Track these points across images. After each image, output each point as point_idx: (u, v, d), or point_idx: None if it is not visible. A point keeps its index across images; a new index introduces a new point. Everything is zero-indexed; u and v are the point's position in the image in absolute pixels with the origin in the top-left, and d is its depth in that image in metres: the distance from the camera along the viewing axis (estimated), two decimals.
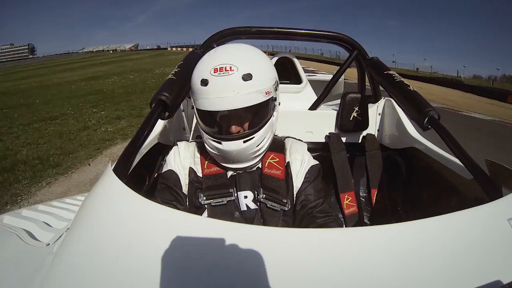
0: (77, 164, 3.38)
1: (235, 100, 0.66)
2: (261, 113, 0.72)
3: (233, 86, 0.65)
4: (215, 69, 0.65)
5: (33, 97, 8.26)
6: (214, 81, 0.65)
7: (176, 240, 0.46)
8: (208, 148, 0.75)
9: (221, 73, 0.65)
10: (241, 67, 0.66)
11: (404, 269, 0.42)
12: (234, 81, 0.65)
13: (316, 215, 0.77)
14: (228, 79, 0.65)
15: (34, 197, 2.66)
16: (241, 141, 0.70)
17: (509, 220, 0.49)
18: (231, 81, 0.65)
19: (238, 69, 0.65)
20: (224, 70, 0.65)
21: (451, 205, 0.88)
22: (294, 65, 1.95)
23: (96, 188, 0.62)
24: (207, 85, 0.66)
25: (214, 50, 0.72)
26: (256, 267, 0.41)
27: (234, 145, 0.70)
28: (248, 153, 0.72)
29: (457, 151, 0.74)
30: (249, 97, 0.66)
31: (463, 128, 5.79)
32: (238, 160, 0.74)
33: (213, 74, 0.65)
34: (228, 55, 0.69)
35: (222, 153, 0.72)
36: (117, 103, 6.80)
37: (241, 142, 0.70)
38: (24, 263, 0.65)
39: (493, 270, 0.42)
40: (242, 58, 0.69)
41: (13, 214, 1.00)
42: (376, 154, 1.18)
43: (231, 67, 0.65)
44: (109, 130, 4.70)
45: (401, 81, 1.02)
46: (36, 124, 5.12)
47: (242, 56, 0.69)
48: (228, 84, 0.65)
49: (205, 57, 0.71)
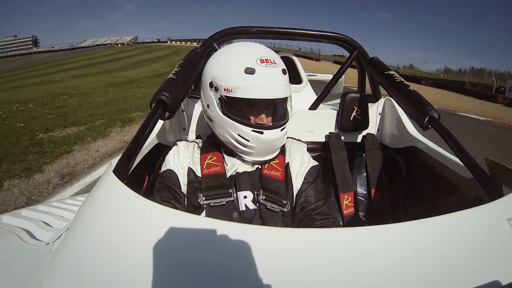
0: None
1: (281, 89, 0.71)
2: (289, 105, 0.78)
3: (278, 78, 0.70)
4: (261, 59, 0.70)
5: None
6: (262, 71, 0.69)
7: (176, 241, 0.46)
8: (237, 146, 0.74)
9: (268, 64, 0.70)
10: (279, 62, 0.72)
11: (404, 269, 0.42)
12: (278, 73, 0.71)
13: (315, 217, 0.77)
14: (274, 70, 0.70)
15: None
16: (279, 129, 0.74)
17: (509, 220, 0.49)
18: (277, 73, 0.70)
19: (279, 64, 0.71)
20: (270, 62, 0.70)
21: (451, 205, 0.88)
22: (294, 65, 1.94)
23: (96, 189, 0.62)
24: (254, 74, 0.68)
25: (246, 44, 0.77)
26: (255, 267, 0.41)
27: (275, 133, 0.73)
28: (281, 142, 0.78)
29: (458, 151, 0.74)
30: (287, 88, 0.73)
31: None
32: (271, 150, 0.77)
33: (260, 64, 0.69)
34: (267, 50, 0.74)
35: (262, 143, 0.73)
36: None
37: (279, 130, 0.74)
38: (23, 262, 0.65)
39: (492, 270, 0.42)
40: (276, 55, 0.74)
41: (12, 214, 1.00)
42: (376, 154, 1.18)
43: (274, 60, 0.71)
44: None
45: (401, 81, 1.02)
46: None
47: (275, 54, 0.74)
48: (274, 75, 0.70)
49: (242, 49, 0.74)
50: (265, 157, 0.77)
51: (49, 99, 8.10)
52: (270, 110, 0.74)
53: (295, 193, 0.80)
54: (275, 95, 0.71)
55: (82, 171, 3.31)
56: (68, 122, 5.19)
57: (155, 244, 0.44)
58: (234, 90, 0.69)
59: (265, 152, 0.76)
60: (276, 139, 0.74)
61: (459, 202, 0.83)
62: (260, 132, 0.71)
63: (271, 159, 0.78)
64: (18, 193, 2.73)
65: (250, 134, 0.71)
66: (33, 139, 4.13)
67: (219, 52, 0.80)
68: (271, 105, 0.74)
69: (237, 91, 0.69)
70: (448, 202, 0.89)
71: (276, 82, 0.70)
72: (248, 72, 0.68)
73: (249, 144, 0.73)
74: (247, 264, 0.42)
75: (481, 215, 0.52)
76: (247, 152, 0.75)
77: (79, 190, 2.83)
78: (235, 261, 0.43)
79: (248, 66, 0.68)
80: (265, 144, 0.74)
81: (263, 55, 0.70)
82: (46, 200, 2.60)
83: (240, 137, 0.73)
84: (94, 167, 3.44)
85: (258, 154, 0.76)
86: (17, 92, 10.48)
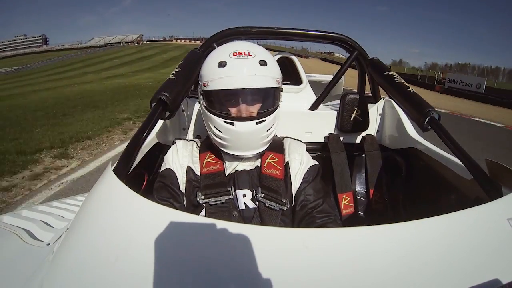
0: None
1: (252, 79, 0.70)
2: (272, 98, 0.75)
3: (251, 68, 0.70)
4: (234, 53, 0.71)
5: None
6: (233, 63, 0.70)
7: (176, 240, 0.46)
8: (214, 138, 0.75)
9: (240, 56, 0.71)
10: (258, 54, 0.72)
11: (403, 268, 0.42)
12: (252, 63, 0.71)
13: (316, 215, 0.77)
14: (246, 61, 0.71)
15: None
16: (254, 122, 0.72)
17: (509, 220, 0.49)
18: (249, 63, 0.71)
19: (256, 55, 0.71)
20: (243, 54, 0.71)
21: (451, 205, 0.88)
22: (294, 65, 1.95)
23: (96, 188, 0.62)
24: (225, 66, 0.70)
25: (231, 43, 0.78)
26: (254, 267, 0.41)
27: (247, 126, 0.71)
28: (259, 136, 0.74)
29: (457, 151, 0.74)
30: (264, 79, 0.72)
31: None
32: (248, 145, 0.74)
33: (232, 57, 0.70)
34: (245, 44, 0.75)
35: (234, 135, 0.72)
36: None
37: (254, 123, 0.72)
38: (24, 263, 0.65)
39: (492, 270, 0.43)
40: (258, 48, 0.75)
41: (13, 214, 1.01)
42: (376, 155, 1.18)
43: (249, 53, 0.71)
44: None
45: (401, 82, 1.02)
46: None
47: (257, 47, 0.75)
48: (246, 65, 0.70)
49: (220, 47, 0.77)
50: (244, 152, 0.75)
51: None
52: (246, 101, 0.72)
53: (294, 192, 0.80)
54: (245, 85, 0.70)
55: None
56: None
57: (155, 243, 0.44)
58: (208, 84, 0.72)
59: (241, 146, 0.74)
60: (250, 132, 0.71)
61: (459, 202, 0.83)
62: (231, 123, 0.71)
63: (254, 155, 0.76)
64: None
65: (222, 125, 0.72)
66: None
67: (210, 53, 0.82)
68: (246, 97, 0.72)
69: (210, 84, 0.72)
70: (448, 203, 0.89)
71: (248, 72, 0.70)
72: (220, 65, 0.70)
73: (222, 136, 0.73)
74: (246, 264, 0.42)
75: (481, 215, 0.52)
76: (222, 145, 0.75)
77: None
78: (234, 260, 0.43)
79: (220, 60, 0.71)
80: (238, 136, 0.72)
81: (237, 48, 0.71)
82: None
83: (216, 130, 0.74)
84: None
85: (235, 148, 0.74)
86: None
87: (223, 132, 0.72)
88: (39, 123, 5.26)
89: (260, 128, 0.72)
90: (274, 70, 0.74)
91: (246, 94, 0.72)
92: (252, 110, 0.73)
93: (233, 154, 0.75)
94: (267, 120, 0.73)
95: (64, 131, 4.65)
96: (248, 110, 0.72)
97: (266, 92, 0.74)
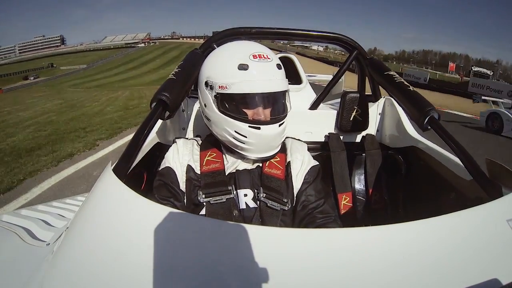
0: None
1: (276, 84, 0.71)
2: (287, 100, 0.77)
3: (271, 72, 0.71)
4: (254, 55, 0.70)
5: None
6: (255, 66, 0.69)
7: (176, 240, 0.46)
8: (234, 143, 0.74)
9: (261, 59, 0.70)
10: (273, 57, 0.73)
11: (403, 268, 0.42)
12: (272, 67, 0.71)
13: (316, 215, 0.77)
14: (268, 65, 0.71)
15: None
16: (277, 124, 0.73)
17: (508, 221, 0.49)
18: (270, 67, 0.71)
19: (272, 59, 0.72)
20: (263, 57, 0.71)
21: (450, 205, 0.88)
22: (294, 65, 1.94)
23: (96, 188, 0.62)
24: (247, 70, 0.69)
25: (238, 42, 0.78)
26: (254, 267, 0.41)
27: (273, 129, 0.72)
28: (280, 137, 0.76)
29: (457, 151, 0.74)
30: (283, 82, 0.73)
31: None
32: (270, 147, 0.75)
33: (253, 60, 0.70)
34: (260, 46, 0.74)
35: (259, 139, 0.72)
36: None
37: (277, 126, 0.73)
38: (24, 263, 0.65)
39: (492, 270, 0.43)
40: (269, 51, 0.75)
41: (13, 214, 1.01)
42: (376, 154, 1.18)
43: (268, 56, 0.72)
44: None
45: (401, 81, 1.02)
46: None
47: (268, 50, 0.75)
48: (268, 69, 0.71)
49: (232, 47, 0.76)
50: (266, 153, 0.76)
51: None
52: (266, 105, 0.73)
53: (295, 192, 0.80)
54: (269, 89, 0.71)
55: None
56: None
57: (155, 243, 0.44)
58: (228, 87, 0.70)
59: (264, 148, 0.75)
60: (275, 135, 0.73)
61: (459, 202, 0.83)
62: (257, 128, 0.71)
63: (272, 155, 0.77)
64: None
65: (247, 130, 0.71)
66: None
67: (214, 52, 0.81)
68: (267, 100, 0.73)
69: (231, 87, 0.69)
70: (448, 202, 0.89)
71: (270, 76, 0.70)
72: (241, 68, 0.69)
73: (247, 141, 0.72)
74: (246, 264, 0.42)
75: (481, 215, 0.52)
76: (246, 149, 0.74)
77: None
78: (235, 260, 0.43)
79: (241, 62, 0.69)
80: (264, 140, 0.73)
81: (255, 51, 0.71)
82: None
83: (237, 134, 0.72)
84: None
85: (258, 151, 0.75)
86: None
87: (248, 137, 0.72)
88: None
89: (281, 130, 0.74)
90: (284, 72, 0.76)
91: (269, 98, 0.73)
92: (272, 113, 0.74)
93: (253, 157, 0.76)
94: (285, 122, 0.76)
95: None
96: (270, 114, 0.74)
97: (284, 95, 0.76)
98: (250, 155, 0.76)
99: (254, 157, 0.76)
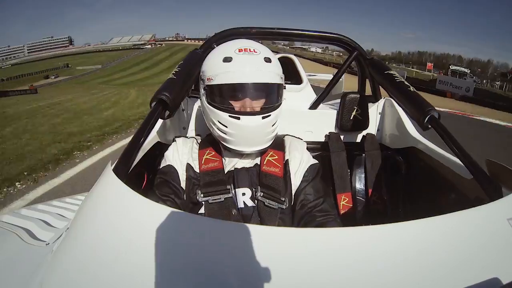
0: None
1: (257, 75, 0.71)
2: (276, 94, 0.76)
3: (256, 64, 0.72)
4: (240, 49, 0.72)
5: None
6: (239, 58, 0.71)
7: (176, 239, 0.46)
8: (218, 133, 0.75)
9: (246, 53, 0.72)
10: (262, 51, 0.74)
11: (403, 268, 0.42)
12: (257, 60, 0.72)
13: (316, 214, 0.77)
14: (252, 57, 0.72)
15: None
16: (259, 117, 0.72)
17: (509, 220, 0.49)
18: (255, 60, 0.72)
19: (260, 52, 0.73)
20: (249, 51, 0.72)
21: (450, 205, 0.88)
22: (294, 65, 1.95)
23: (96, 188, 0.62)
24: (231, 61, 0.71)
25: (234, 40, 0.79)
26: (254, 267, 0.41)
27: (253, 120, 0.72)
28: (264, 132, 0.74)
29: (458, 151, 0.74)
30: (269, 75, 0.73)
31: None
32: (253, 139, 0.74)
33: (238, 53, 0.71)
34: (249, 42, 0.77)
35: (239, 129, 0.72)
36: None
37: (260, 118, 0.72)
38: (24, 263, 0.65)
39: (492, 270, 0.42)
40: (262, 47, 0.76)
41: (12, 214, 1.00)
42: (376, 154, 1.18)
43: (255, 50, 0.73)
44: None
45: (402, 81, 1.02)
46: None
47: (261, 46, 0.77)
48: (252, 61, 0.72)
49: (224, 44, 0.78)
50: (250, 147, 0.74)
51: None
52: (251, 96, 0.72)
53: (293, 190, 0.80)
54: (251, 80, 0.71)
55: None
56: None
57: (155, 243, 0.44)
58: (213, 78, 0.72)
59: (247, 142, 0.74)
60: (256, 127, 0.72)
61: (459, 202, 0.83)
62: (236, 118, 0.71)
63: (258, 151, 0.76)
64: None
65: (227, 119, 0.72)
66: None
67: (212, 50, 0.83)
68: (252, 91, 0.73)
69: (215, 78, 0.72)
70: (448, 203, 0.89)
71: (253, 68, 0.71)
72: (225, 60, 0.71)
73: (227, 131, 0.73)
74: (246, 263, 0.42)
75: (481, 215, 0.52)
76: (228, 140, 0.74)
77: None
78: (234, 260, 0.43)
79: (226, 55, 0.72)
80: (244, 131, 0.72)
81: (242, 45, 0.73)
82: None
83: (220, 124, 0.73)
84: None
85: (239, 143, 0.74)
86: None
87: (228, 127, 0.72)
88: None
89: (265, 123, 0.73)
90: (278, 67, 0.76)
91: (251, 89, 0.73)
92: (257, 105, 0.73)
93: (237, 150, 0.75)
94: (272, 116, 0.73)
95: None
96: (253, 105, 0.73)
97: (270, 88, 0.75)
98: (234, 147, 0.75)
99: (236, 148, 0.75)
